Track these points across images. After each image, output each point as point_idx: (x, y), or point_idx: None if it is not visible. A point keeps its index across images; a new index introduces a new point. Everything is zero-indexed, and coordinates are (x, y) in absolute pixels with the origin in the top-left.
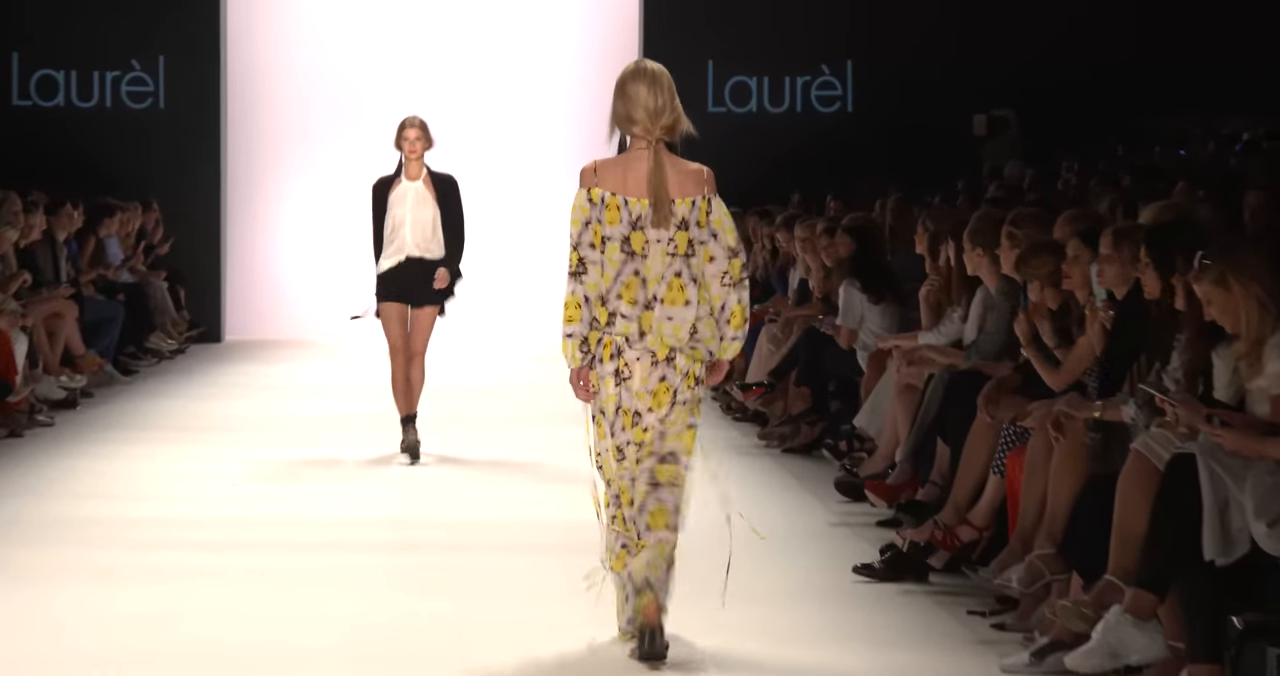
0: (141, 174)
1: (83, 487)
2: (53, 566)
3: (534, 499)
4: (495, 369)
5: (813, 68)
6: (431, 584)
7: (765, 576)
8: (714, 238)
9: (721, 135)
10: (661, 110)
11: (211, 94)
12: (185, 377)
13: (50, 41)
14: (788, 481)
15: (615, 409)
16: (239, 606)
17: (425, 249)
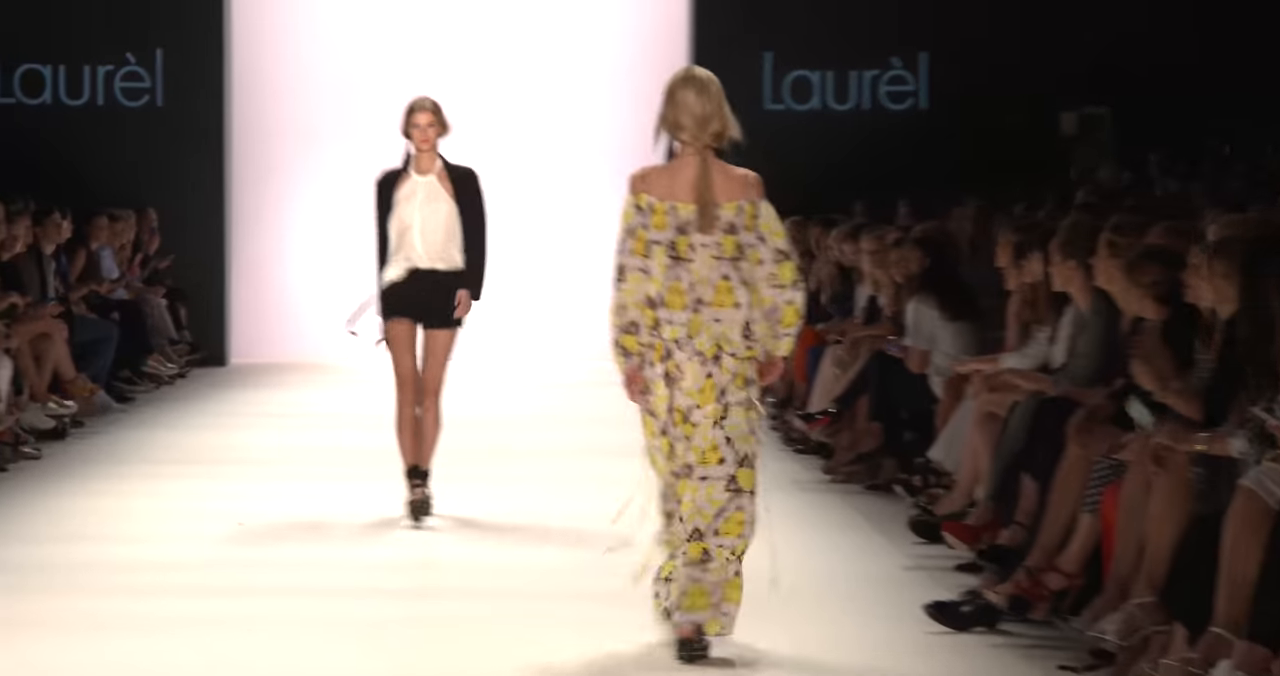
0: (137, 179)
1: (71, 528)
2: (36, 616)
3: (560, 542)
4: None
5: (882, 61)
6: (448, 634)
7: (832, 625)
8: (761, 241)
9: (780, 135)
10: (709, 117)
11: (214, 90)
12: (186, 405)
13: (36, 33)
14: (856, 521)
15: (666, 409)
16: (241, 658)
17: (438, 258)
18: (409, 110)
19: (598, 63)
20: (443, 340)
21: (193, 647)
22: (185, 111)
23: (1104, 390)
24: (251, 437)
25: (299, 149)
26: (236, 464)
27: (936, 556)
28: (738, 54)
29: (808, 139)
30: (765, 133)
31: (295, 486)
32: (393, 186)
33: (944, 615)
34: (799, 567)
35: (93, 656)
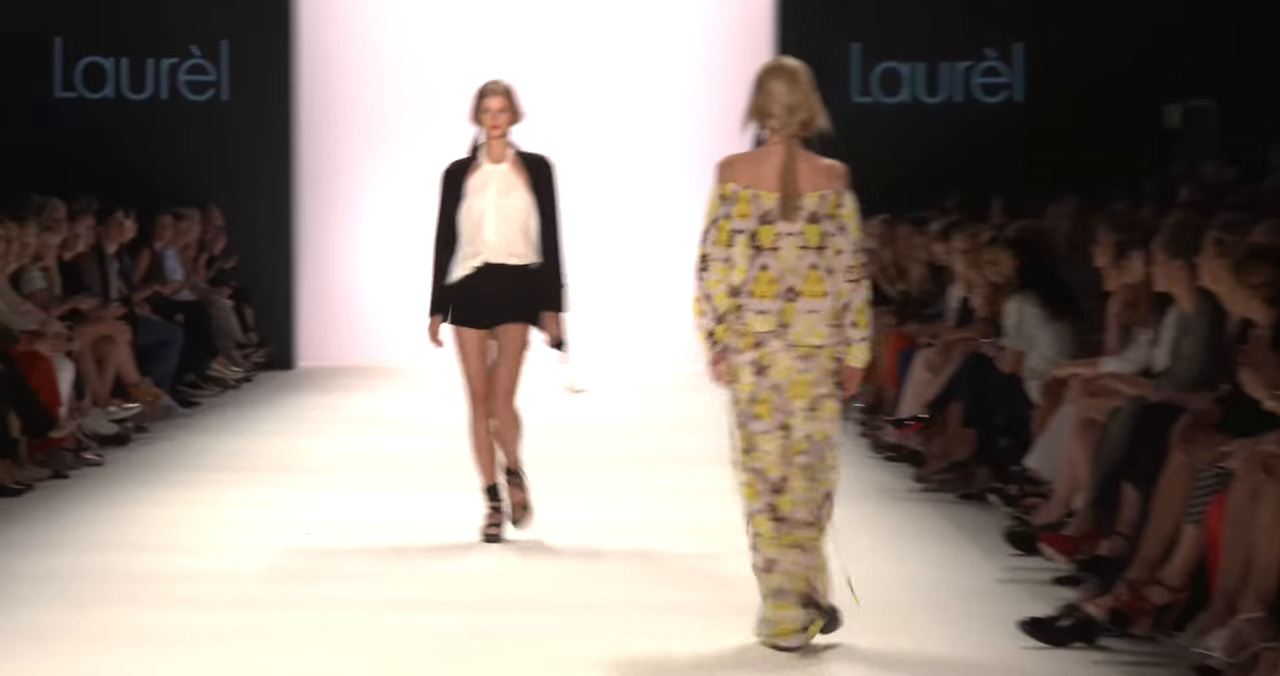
0: (201, 176)
1: (133, 537)
2: (95, 627)
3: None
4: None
5: (975, 52)
6: (520, 648)
7: (923, 640)
8: (842, 231)
9: (868, 129)
10: (798, 106)
11: (281, 84)
12: (252, 410)
13: (98, 25)
14: (948, 531)
15: (749, 399)
16: (306, 673)
17: (510, 252)
18: (479, 94)
19: (681, 53)
20: (516, 336)
21: (256, 662)
22: (251, 106)
23: (1209, 395)
24: (319, 444)
25: (368, 144)
26: (303, 471)
27: (1032, 568)
28: (824, 45)
29: (897, 133)
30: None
31: (364, 494)
32: (462, 176)
33: (1040, 630)
34: (889, 580)
35: (153, 670)
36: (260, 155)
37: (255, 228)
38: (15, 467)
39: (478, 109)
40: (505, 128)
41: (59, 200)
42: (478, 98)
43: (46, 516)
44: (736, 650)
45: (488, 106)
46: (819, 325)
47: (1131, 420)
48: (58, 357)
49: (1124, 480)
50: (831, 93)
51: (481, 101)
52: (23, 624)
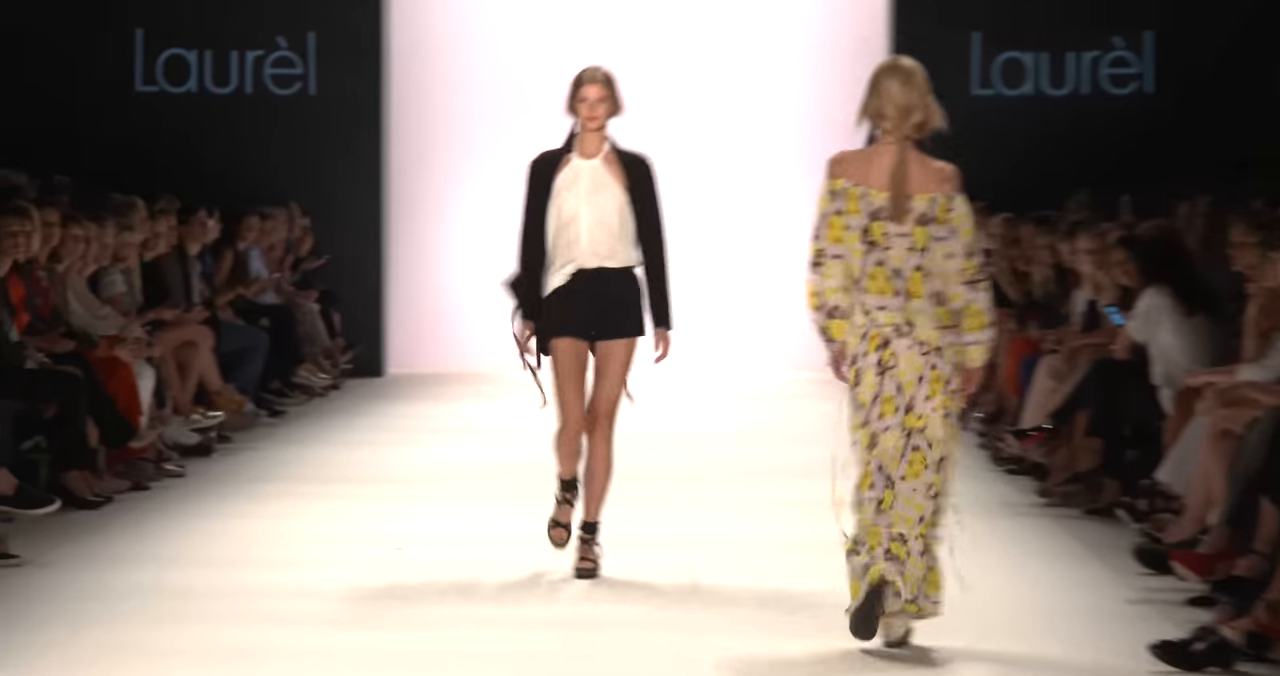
0: (287, 173)
1: (214, 551)
2: (173, 645)
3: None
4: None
5: (1103, 41)
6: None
7: (1049, 664)
8: (953, 234)
9: (989, 123)
10: (912, 108)
11: (371, 77)
12: (340, 418)
13: (181, 16)
14: (1074, 548)
15: (873, 398)
16: None
17: (608, 255)
18: (576, 82)
19: (791, 43)
20: (619, 352)
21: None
22: (340, 100)
23: None
24: (409, 454)
25: (462, 140)
26: (393, 483)
27: (1164, 589)
28: (943, 34)
29: (1019, 127)
30: (972, 121)
31: (455, 507)
32: (551, 171)
33: (1172, 654)
34: (1010, 600)
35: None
36: (349, 152)
37: (343, 228)
38: (94, 479)
39: (573, 98)
40: (603, 120)
41: (139, 199)
42: (574, 85)
43: (126, 530)
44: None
45: (585, 95)
46: (929, 327)
47: (1271, 431)
48: (138, 364)
49: (1262, 495)
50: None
51: (578, 90)
52: (100, 641)
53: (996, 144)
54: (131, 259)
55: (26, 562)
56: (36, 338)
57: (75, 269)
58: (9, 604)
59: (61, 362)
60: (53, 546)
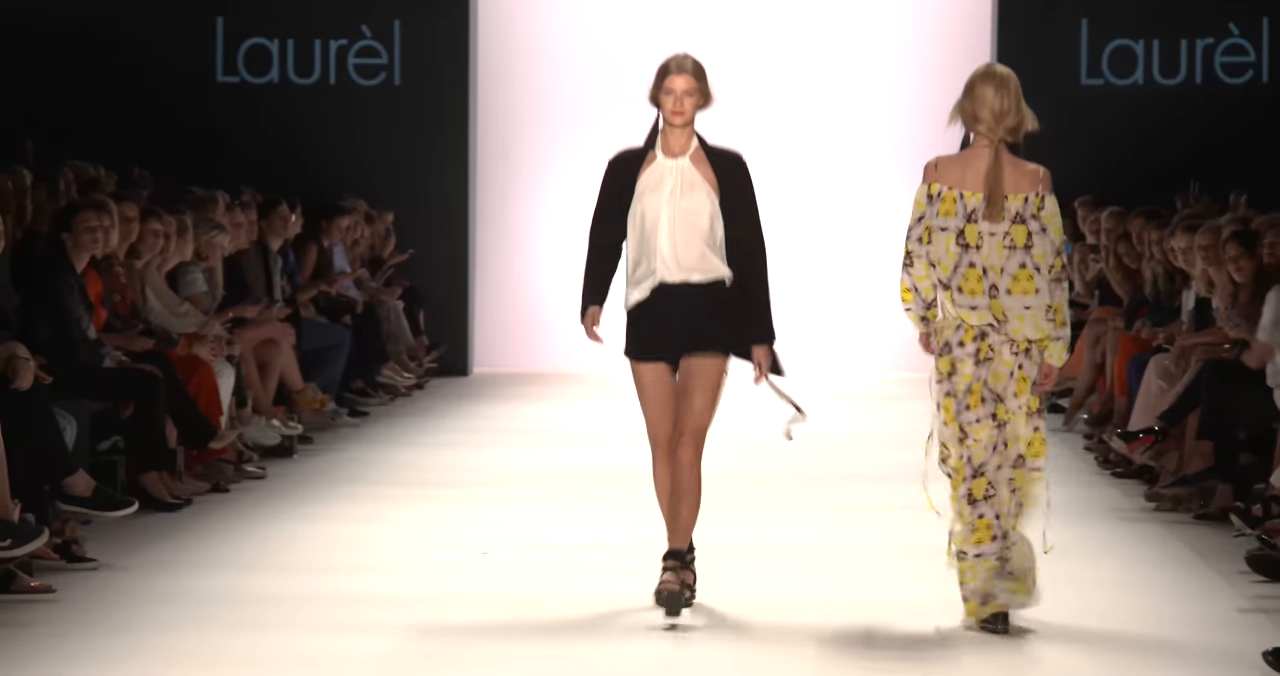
0: (372, 167)
1: (294, 557)
2: (251, 653)
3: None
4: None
5: (1218, 28)
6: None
7: (1159, 674)
8: (1043, 232)
9: (1098, 114)
10: (1006, 112)
11: (458, 68)
12: (424, 419)
13: (263, 4)
14: (1185, 555)
15: (966, 389)
16: None
17: (693, 267)
18: (661, 71)
19: (894, 33)
20: (710, 370)
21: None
22: (425, 91)
23: None
24: (495, 456)
25: (551, 134)
26: (478, 486)
27: (1278, 596)
28: (1049, 22)
29: (1129, 118)
30: (1081, 111)
31: (543, 512)
32: (633, 171)
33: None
34: (1119, 608)
35: None
36: (434, 144)
37: (428, 222)
38: (173, 481)
39: (658, 89)
40: (691, 114)
41: (220, 193)
42: (659, 75)
43: (205, 533)
44: None
45: (671, 86)
46: (1039, 320)
47: None
48: (218, 362)
49: None
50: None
51: (664, 80)
52: (176, 647)
53: (1105, 136)
54: (214, 257)
55: (104, 566)
56: (114, 335)
57: (154, 265)
58: (86, 608)
59: (140, 361)
60: (130, 550)
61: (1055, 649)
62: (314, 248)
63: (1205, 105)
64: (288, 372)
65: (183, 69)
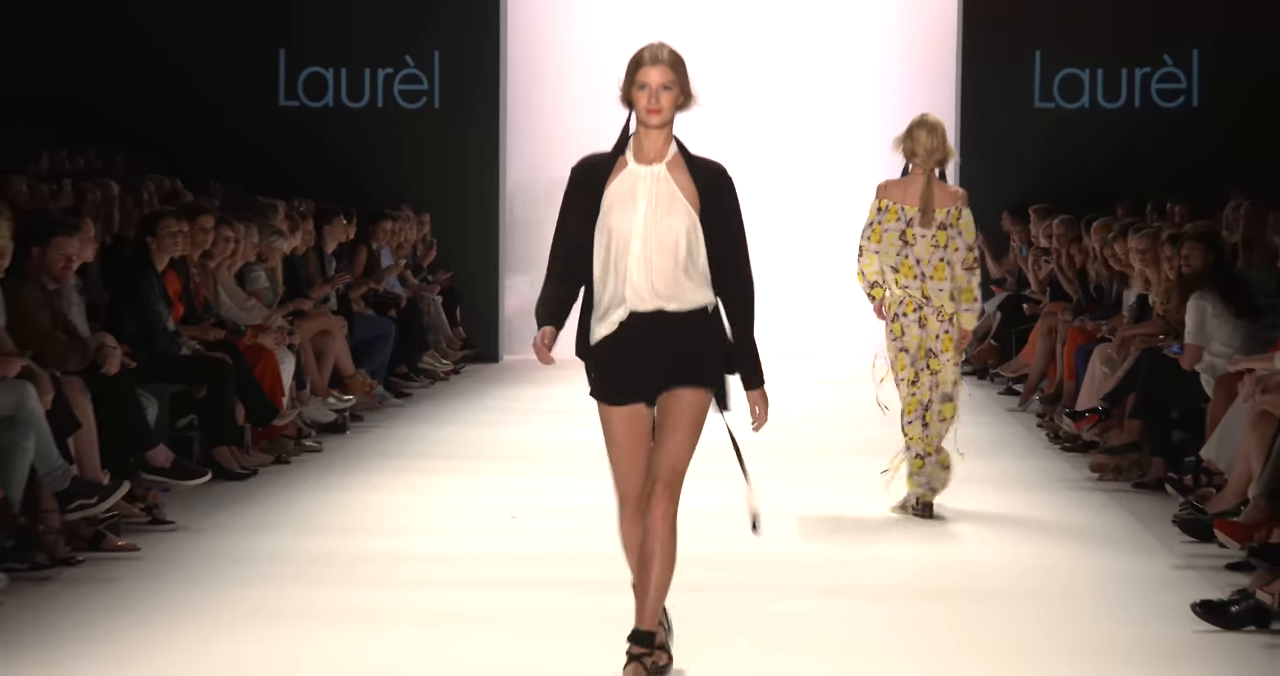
0: (414, 178)
1: (348, 521)
2: (312, 607)
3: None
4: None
5: (1155, 58)
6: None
7: (1099, 627)
8: (960, 235)
9: (1050, 133)
10: (935, 150)
11: (490, 92)
12: (460, 401)
13: (318, 37)
14: (1125, 519)
15: (915, 347)
16: (513, 654)
17: (669, 295)
18: (633, 64)
19: (866, 63)
20: (693, 406)
21: (464, 641)
22: (461, 113)
23: None
24: (524, 433)
25: (570, 149)
26: (509, 459)
27: (1206, 555)
28: (1007, 52)
29: (1077, 137)
30: (1035, 131)
31: (565, 481)
32: (601, 180)
33: (1213, 614)
34: (1066, 565)
35: (367, 648)
36: (469, 160)
37: (463, 228)
38: (241, 454)
39: (630, 84)
40: (669, 113)
41: (280, 202)
42: (631, 68)
43: (269, 500)
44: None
45: (645, 80)
46: (947, 299)
47: None
48: (280, 350)
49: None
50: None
51: (636, 73)
52: (244, 602)
53: (1056, 152)
54: (275, 258)
55: (181, 528)
56: (190, 327)
57: (224, 265)
58: (166, 564)
59: (212, 349)
60: (204, 514)
61: (1012, 599)
62: (364, 249)
63: (1143, 126)
64: (341, 359)
65: (250, 94)
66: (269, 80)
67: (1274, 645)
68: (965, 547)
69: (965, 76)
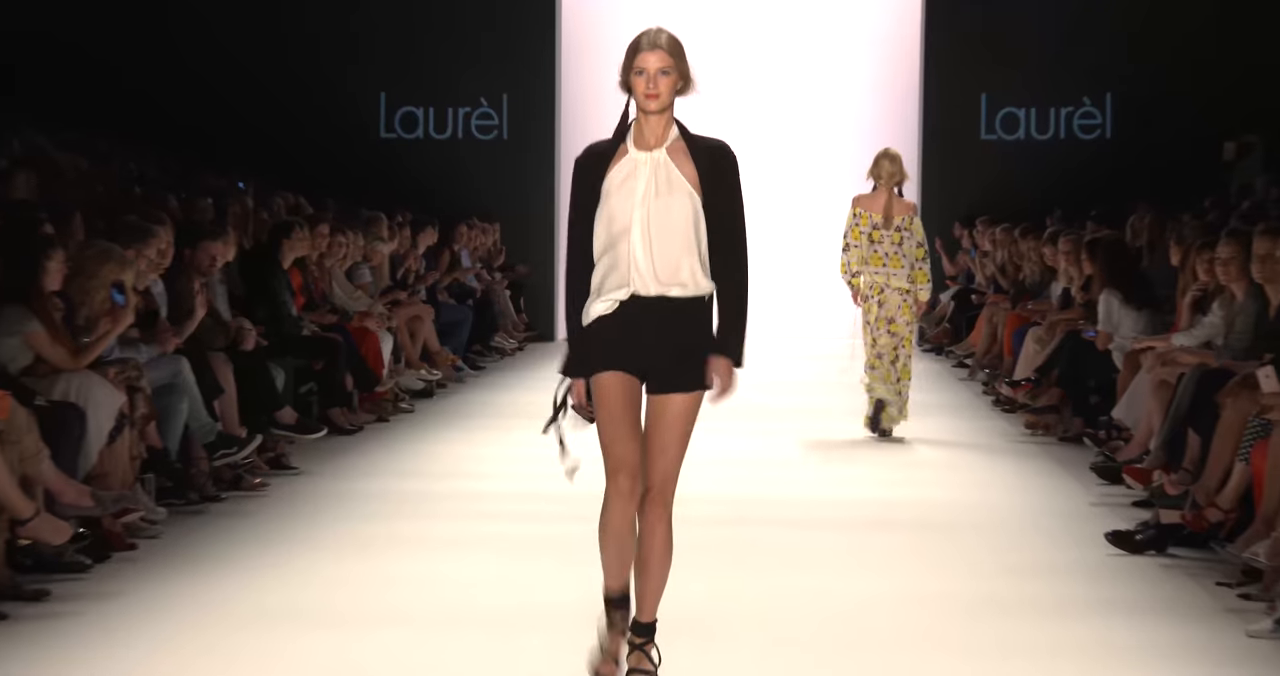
0: (488, 195)
1: (436, 467)
2: (407, 535)
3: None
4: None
5: (1076, 99)
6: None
7: (1031, 551)
8: (911, 236)
9: (993, 160)
10: (894, 174)
11: (547, 126)
12: (524, 372)
13: (412, 83)
14: (1052, 467)
15: (875, 318)
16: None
17: (671, 280)
18: (631, 49)
19: (846, 102)
20: (679, 410)
21: (531, 563)
22: (525, 143)
23: (1255, 363)
24: None
25: None
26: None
27: (1117, 495)
28: (959, 95)
29: (1015, 162)
30: (981, 157)
31: None
32: (602, 167)
33: (1121, 541)
34: (1004, 503)
35: (454, 569)
36: (532, 180)
37: (526, 234)
38: (349, 414)
39: (628, 70)
40: (668, 98)
41: (382, 214)
42: (629, 53)
43: (371, 451)
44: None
45: (643, 65)
46: (904, 281)
47: (1195, 382)
48: (381, 332)
49: (1189, 428)
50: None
51: (634, 58)
52: (354, 531)
53: (998, 175)
54: (378, 258)
55: (303, 473)
56: (310, 313)
57: (337, 264)
58: (289, 501)
59: (327, 331)
60: (321, 461)
61: (961, 530)
62: (447, 252)
63: (1067, 154)
64: (429, 339)
65: (357, 129)
66: (372, 118)
67: (1168, 565)
68: (923, 489)
69: (926, 113)
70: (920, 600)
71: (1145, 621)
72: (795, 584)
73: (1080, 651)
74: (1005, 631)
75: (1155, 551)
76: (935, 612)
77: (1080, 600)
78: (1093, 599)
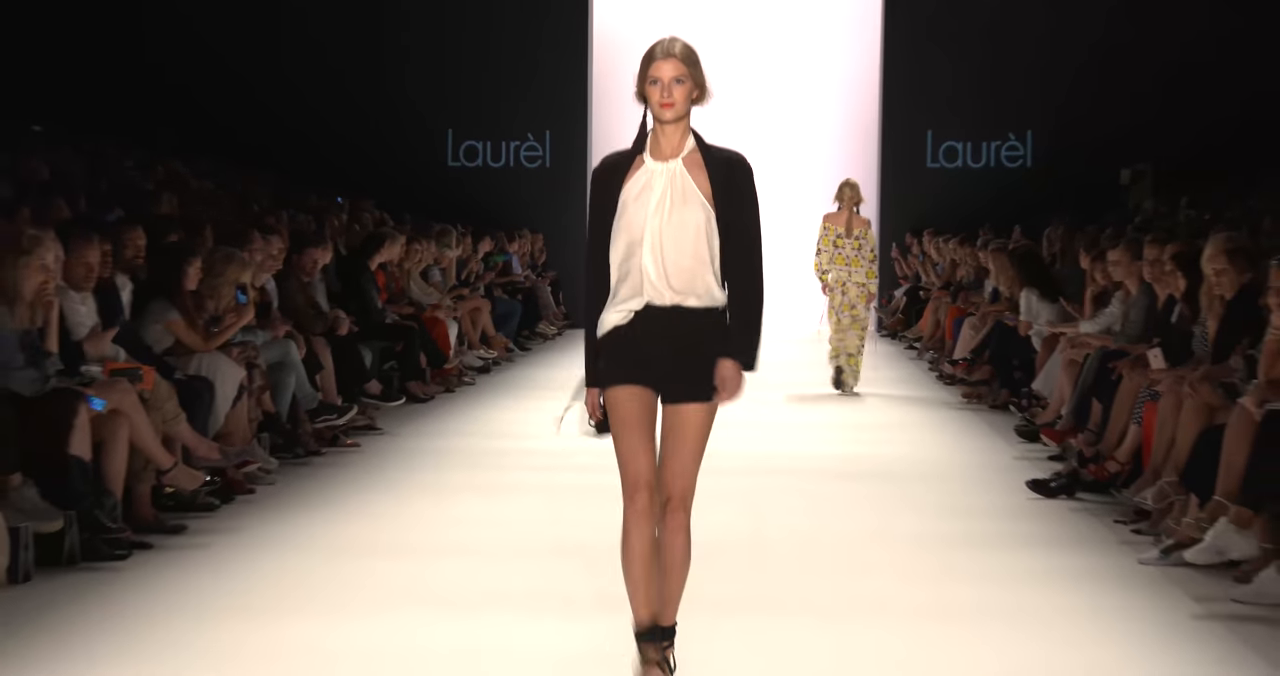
0: (535, 213)
1: (493, 428)
2: (458, 483)
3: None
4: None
5: (1003, 134)
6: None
7: (966, 496)
8: (866, 243)
9: (938, 183)
10: (853, 197)
11: (581, 156)
12: (563, 353)
13: (473, 122)
14: (983, 429)
15: (839, 304)
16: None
17: (686, 290)
18: (646, 58)
19: (817, 135)
20: (695, 420)
21: (567, 508)
22: (564, 170)
23: (1145, 346)
24: None
25: None
26: None
27: (1035, 451)
28: (908, 131)
29: (955, 186)
30: (928, 183)
31: None
32: (619, 179)
33: (1039, 488)
34: (943, 457)
35: (502, 512)
36: (570, 199)
37: (566, 242)
38: (423, 386)
39: (643, 79)
40: (683, 107)
41: (450, 227)
42: (644, 63)
43: (441, 415)
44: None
45: (657, 74)
46: (862, 277)
47: (1098, 361)
48: (448, 321)
49: (1093, 397)
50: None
51: (649, 68)
52: (424, 481)
53: (941, 197)
54: (446, 262)
55: (386, 434)
56: (391, 306)
57: (414, 267)
58: (377, 456)
59: (405, 320)
60: (400, 424)
61: (909, 479)
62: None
63: (996, 179)
64: (486, 326)
65: (429, 159)
66: (440, 149)
67: (1077, 509)
68: (878, 446)
69: (883, 146)
70: (878, 535)
71: (1057, 551)
72: (774, 522)
73: (1007, 575)
74: (946, 560)
75: (1066, 496)
76: (890, 545)
77: (1006, 535)
78: (1016, 534)
